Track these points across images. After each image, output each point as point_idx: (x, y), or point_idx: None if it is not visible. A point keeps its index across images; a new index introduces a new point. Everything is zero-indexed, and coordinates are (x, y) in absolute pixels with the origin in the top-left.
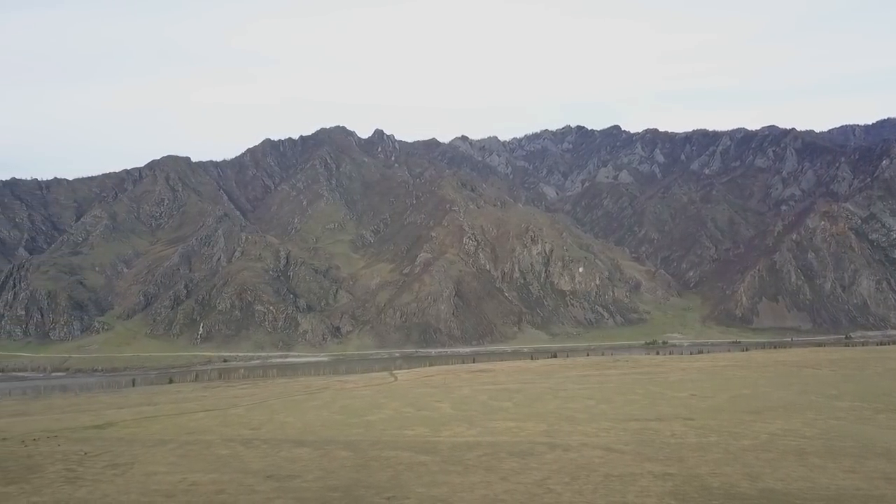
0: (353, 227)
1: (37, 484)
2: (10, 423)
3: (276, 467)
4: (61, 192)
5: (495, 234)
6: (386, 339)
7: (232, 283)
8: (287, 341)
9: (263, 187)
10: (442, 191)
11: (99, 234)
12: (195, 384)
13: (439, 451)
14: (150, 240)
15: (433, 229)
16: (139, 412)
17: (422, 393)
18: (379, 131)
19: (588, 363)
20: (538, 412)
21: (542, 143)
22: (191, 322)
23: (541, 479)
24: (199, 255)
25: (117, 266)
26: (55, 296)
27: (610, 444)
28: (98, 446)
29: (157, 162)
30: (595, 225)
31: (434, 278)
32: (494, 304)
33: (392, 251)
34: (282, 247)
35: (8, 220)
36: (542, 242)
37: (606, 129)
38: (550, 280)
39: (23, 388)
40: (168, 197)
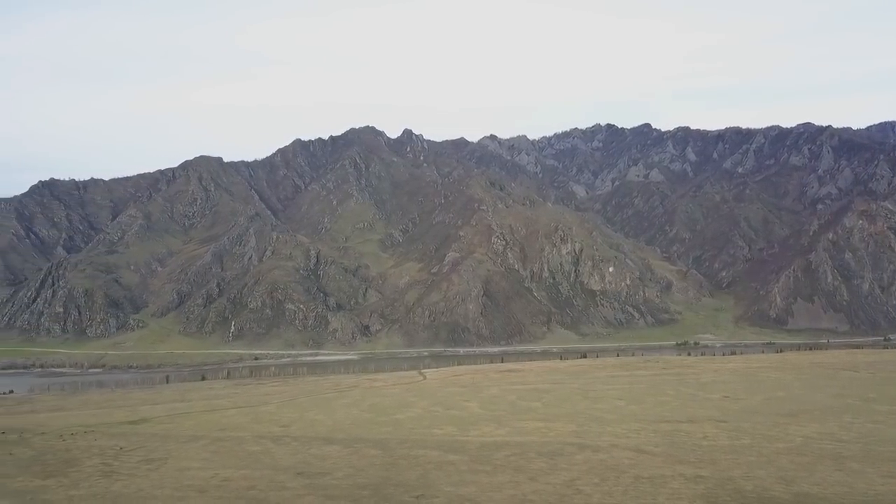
0: (382, 227)
1: (74, 477)
2: (48, 418)
3: (306, 464)
4: (98, 193)
5: (524, 233)
6: (414, 338)
7: (263, 282)
8: (317, 339)
9: (294, 187)
10: (470, 190)
11: (134, 233)
12: (227, 381)
13: (468, 451)
14: (184, 239)
15: (461, 229)
16: (172, 408)
17: (450, 392)
18: (408, 131)
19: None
20: (567, 412)
21: (571, 141)
22: (223, 320)
23: (570, 480)
24: (230, 254)
25: (151, 265)
26: (92, 294)
27: (640, 446)
28: (133, 441)
29: (190, 162)
30: (625, 224)
31: (462, 278)
32: (523, 303)
33: (420, 250)
34: (312, 246)
35: (47, 219)
36: (571, 242)
37: (637, 127)
38: (580, 280)
39: (61, 383)
40: (201, 197)
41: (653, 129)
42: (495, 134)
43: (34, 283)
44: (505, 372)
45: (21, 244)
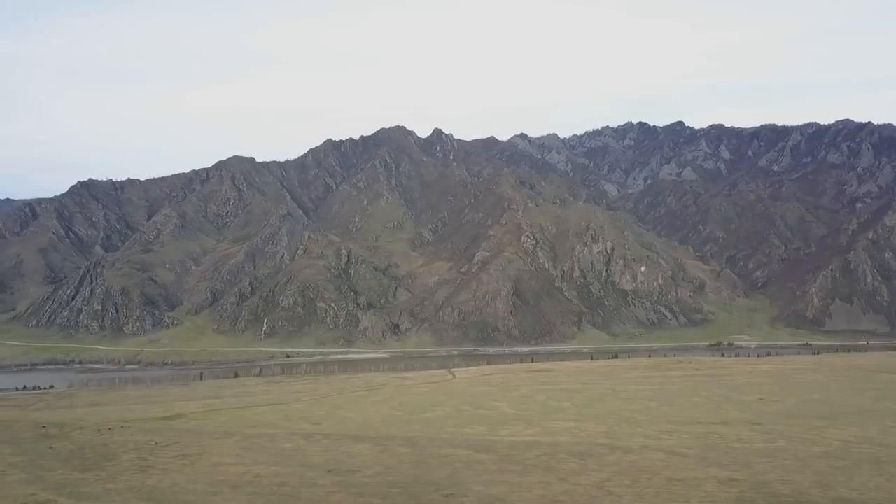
0: (412, 226)
1: (111, 471)
2: (87, 413)
3: (336, 462)
4: (134, 193)
5: (554, 232)
6: (444, 336)
7: (295, 281)
8: (348, 338)
9: (325, 187)
10: (500, 189)
11: (169, 232)
12: (259, 379)
13: (497, 450)
14: (217, 238)
15: (491, 228)
16: (206, 405)
17: (480, 391)
18: (437, 130)
19: (650, 364)
20: (598, 413)
21: (602, 139)
22: (255, 318)
23: (600, 481)
24: (263, 253)
25: (186, 263)
26: (128, 292)
27: (672, 448)
28: (168, 436)
29: (224, 162)
30: (658, 223)
31: (492, 277)
32: (553, 303)
33: (450, 250)
34: (343, 245)
35: (85, 219)
36: (602, 241)
37: (669, 125)
38: (611, 279)
39: (99, 379)
40: (234, 196)
41: (686, 126)
42: (525, 132)
43: (73, 282)
44: (535, 372)
45: (61, 243)
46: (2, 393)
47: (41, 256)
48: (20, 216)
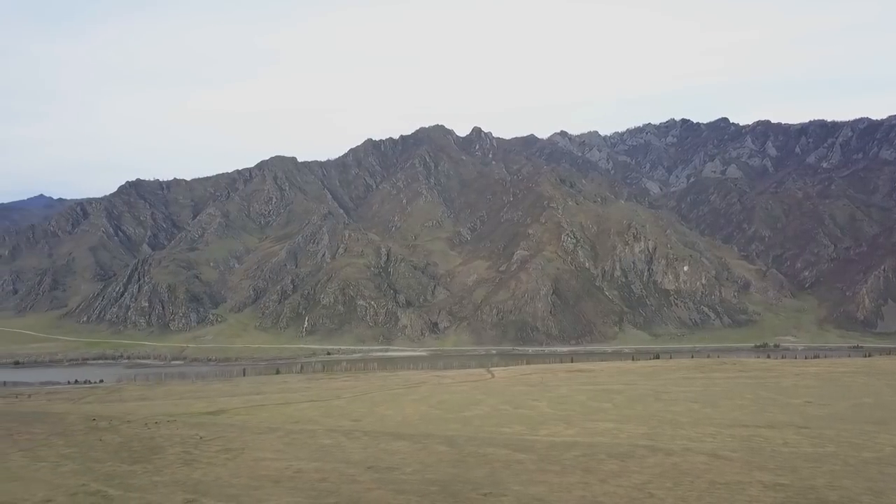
0: (451, 225)
1: (158, 464)
2: (135, 407)
3: (375, 459)
4: (180, 192)
5: (595, 231)
6: (482, 335)
7: (335, 279)
8: (387, 335)
9: (365, 186)
10: (540, 187)
11: (213, 231)
12: (300, 375)
13: (536, 450)
14: (260, 236)
15: (530, 226)
16: (249, 400)
17: (519, 391)
18: (477, 129)
19: (692, 365)
20: (639, 414)
21: (644, 137)
22: (297, 316)
23: (641, 483)
24: (304, 251)
25: (229, 262)
26: (174, 289)
27: (716, 450)
28: (212, 431)
29: (266, 162)
30: (701, 222)
31: (531, 276)
32: (594, 302)
33: (489, 248)
34: (382, 244)
35: (133, 218)
36: (644, 240)
37: (713, 121)
38: (653, 279)
39: (146, 374)
40: (276, 196)
41: (730, 123)
42: (566, 130)
43: (122, 279)
44: (574, 372)
45: (110, 241)
46: (55, 386)
47: (91, 254)
48: (72, 215)
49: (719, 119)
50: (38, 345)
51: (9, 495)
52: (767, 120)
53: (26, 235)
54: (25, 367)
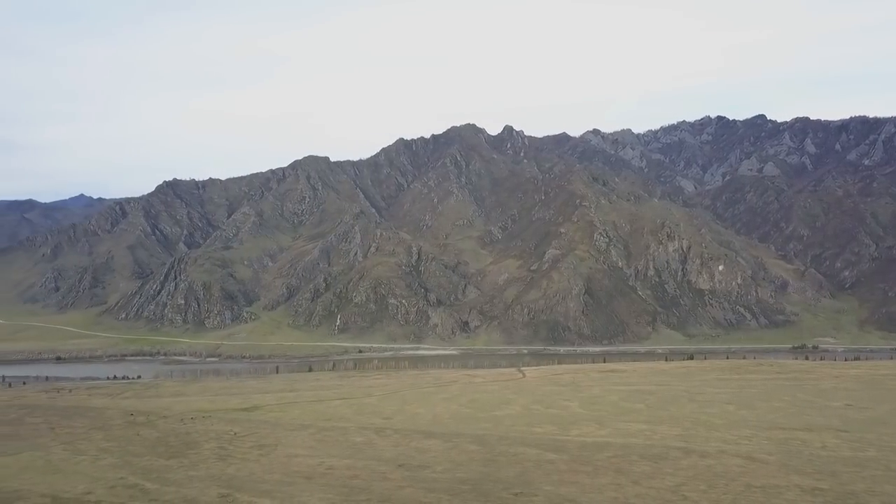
0: (482, 224)
1: (193, 459)
2: (171, 403)
3: (406, 457)
4: (215, 192)
5: (628, 229)
6: (513, 335)
7: (367, 278)
8: (418, 334)
9: (397, 185)
10: (572, 186)
11: (247, 230)
12: (332, 373)
13: (568, 450)
14: (293, 235)
15: (562, 225)
16: (282, 397)
17: (550, 391)
18: (508, 128)
19: (728, 366)
20: (673, 415)
21: (679, 134)
22: (329, 314)
23: (675, 486)
24: (337, 250)
25: (263, 260)
26: (209, 287)
27: (751, 453)
28: (246, 427)
29: (300, 162)
30: (737, 220)
31: (563, 275)
32: (627, 302)
33: (520, 247)
34: (413, 243)
35: (170, 217)
36: (678, 239)
37: (750, 118)
38: (687, 278)
39: (182, 370)
40: (309, 195)
41: (767, 120)
42: (598, 128)
43: (159, 277)
44: (607, 372)
45: (147, 240)
46: (95, 382)
47: (130, 253)
48: (111, 215)
49: (756, 116)
50: (78, 341)
51: (50, 487)
52: (806, 116)
53: (67, 234)
54: (66, 363)
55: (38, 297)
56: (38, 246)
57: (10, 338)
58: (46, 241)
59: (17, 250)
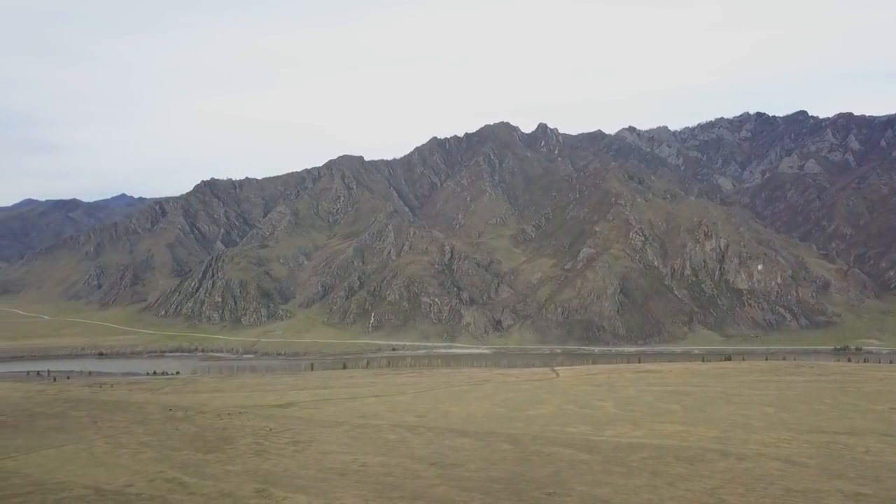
0: (515, 222)
1: (230, 454)
2: (209, 398)
3: (440, 455)
4: (251, 191)
5: (664, 228)
6: (547, 334)
7: (401, 276)
8: (451, 332)
9: (430, 184)
10: (607, 184)
11: (283, 228)
12: (366, 370)
13: (602, 451)
14: (328, 234)
15: (597, 224)
16: (316, 394)
17: (584, 391)
18: (542, 125)
19: (767, 368)
20: (709, 417)
21: (716, 131)
22: (363, 312)
23: (712, 488)
24: (371, 248)
25: (299, 258)
26: (246, 285)
27: (791, 457)
28: (281, 423)
29: (334, 161)
30: (777, 219)
31: (598, 274)
32: (663, 302)
33: (554, 246)
34: (446, 241)
35: (208, 216)
36: (716, 237)
37: (791, 115)
38: (725, 278)
39: (219, 367)
40: (343, 194)
41: (809, 116)
42: (634, 125)
43: (197, 275)
44: (642, 372)
45: (186, 238)
46: (135, 377)
47: (169, 251)
48: (151, 214)
49: (797, 112)
50: (119, 337)
51: (93, 479)
52: (850, 112)
53: (109, 233)
54: (108, 358)
55: (81, 294)
56: (81, 244)
57: (55, 333)
58: (89, 240)
59: (61, 248)
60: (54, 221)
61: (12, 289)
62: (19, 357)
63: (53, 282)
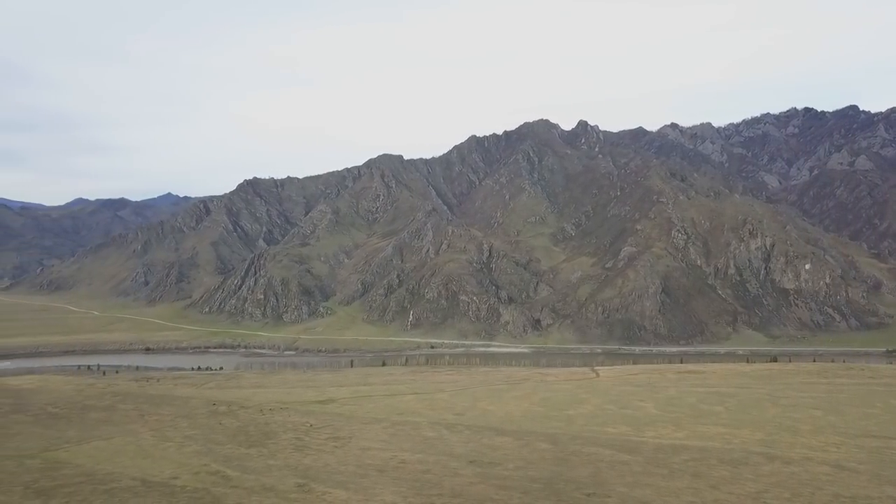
0: (554, 221)
1: (272, 448)
2: (251, 394)
3: (478, 453)
4: (293, 190)
5: (708, 226)
6: (587, 334)
7: (439, 274)
8: (489, 331)
9: (468, 182)
10: (648, 181)
11: (324, 227)
12: (405, 368)
13: (642, 452)
14: (368, 232)
15: (638, 222)
16: (356, 391)
17: (624, 391)
18: (583, 122)
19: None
20: (754, 419)
21: (762, 127)
22: (402, 309)
23: (756, 492)
24: (409, 247)
25: (339, 256)
26: (287, 283)
27: (840, 461)
28: (321, 419)
29: (374, 160)
30: (825, 217)
31: (639, 273)
32: (706, 301)
33: (594, 245)
34: (485, 240)
35: (251, 214)
36: (761, 236)
37: (840, 109)
38: (771, 277)
39: (261, 363)
40: (383, 193)
41: (860, 111)
42: (676, 122)
43: (240, 272)
44: (684, 373)
45: (229, 237)
46: (180, 372)
47: (213, 249)
48: (196, 212)
49: (847, 107)
50: (165, 333)
51: (141, 471)
52: None
53: (156, 231)
54: (155, 353)
55: (129, 291)
56: (129, 242)
57: (104, 329)
58: (137, 238)
59: (110, 246)
60: (103, 220)
61: (64, 285)
62: (71, 351)
63: (103, 279)
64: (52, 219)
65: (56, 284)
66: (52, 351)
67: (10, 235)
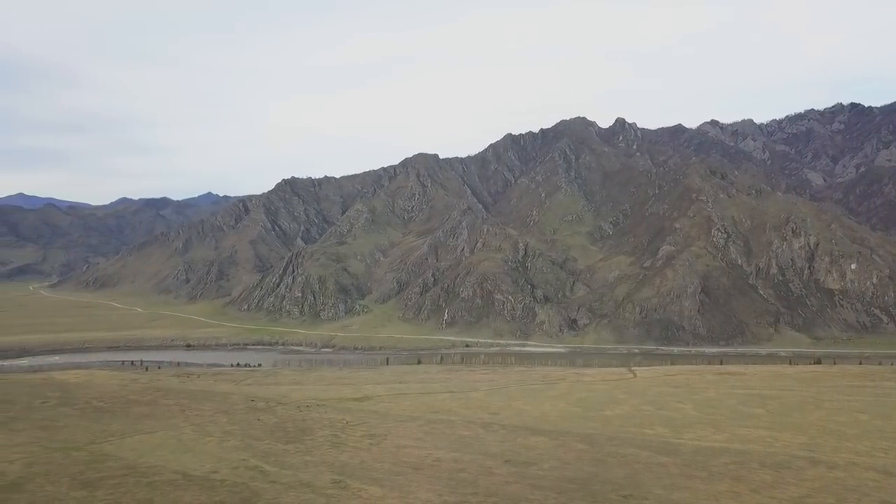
0: (591, 219)
1: (309, 445)
2: (289, 390)
3: (513, 453)
4: (330, 189)
5: (749, 225)
6: (624, 334)
7: (474, 273)
8: (524, 331)
9: (504, 181)
10: (688, 179)
11: (360, 226)
12: (440, 366)
13: (680, 454)
14: (403, 231)
15: (677, 220)
16: (391, 389)
17: (662, 392)
18: (620, 120)
19: (860, 372)
20: (796, 422)
21: (806, 124)
22: (437, 308)
23: (799, 497)
24: (445, 245)
25: (375, 255)
26: (324, 281)
27: (888, 467)
28: (357, 417)
29: (410, 160)
30: (873, 215)
31: (678, 273)
32: (746, 302)
33: (632, 243)
34: (520, 238)
35: (289, 213)
36: (805, 235)
37: (889, 104)
38: (815, 277)
39: (298, 360)
40: (418, 192)
41: None
42: (716, 119)
43: (278, 270)
44: (724, 374)
45: (268, 235)
46: (220, 368)
47: (251, 247)
48: (235, 211)
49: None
50: (205, 329)
51: (182, 465)
52: None
53: (197, 230)
54: (195, 350)
55: (171, 288)
56: (171, 240)
57: (147, 325)
58: (178, 236)
59: (153, 244)
60: (146, 219)
61: (109, 283)
62: (115, 347)
63: (146, 276)
64: (97, 218)
65: (101, 282)
66: (98, 346)
67: (59, 234)
